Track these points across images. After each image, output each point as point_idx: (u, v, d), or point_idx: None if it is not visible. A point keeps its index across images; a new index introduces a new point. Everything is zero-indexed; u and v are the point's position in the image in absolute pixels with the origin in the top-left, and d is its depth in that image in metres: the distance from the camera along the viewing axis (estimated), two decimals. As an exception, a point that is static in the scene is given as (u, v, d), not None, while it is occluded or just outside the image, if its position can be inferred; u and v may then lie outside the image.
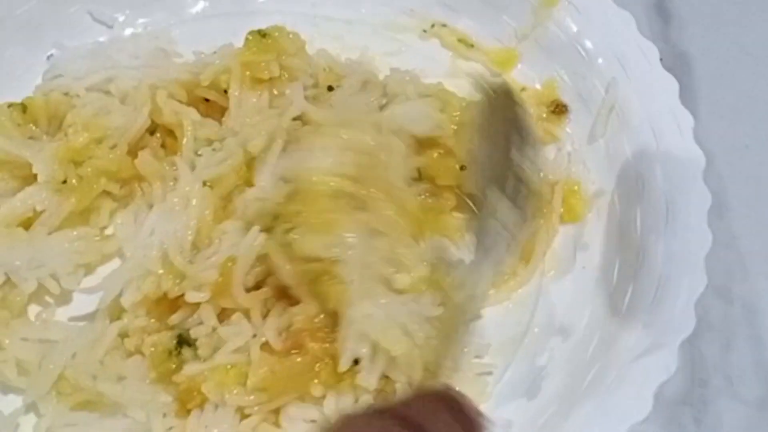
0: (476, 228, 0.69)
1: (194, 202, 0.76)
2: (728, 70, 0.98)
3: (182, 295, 0.72)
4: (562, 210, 0.80)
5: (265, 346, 0.71)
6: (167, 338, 0.72)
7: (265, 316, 0.72)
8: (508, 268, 0.75)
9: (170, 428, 0.70)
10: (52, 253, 0.75)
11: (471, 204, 0.73)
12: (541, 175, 0.78)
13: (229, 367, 0.70)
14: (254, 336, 0.71)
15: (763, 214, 0.88)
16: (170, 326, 0.73)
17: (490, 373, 0.73)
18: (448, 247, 0.75)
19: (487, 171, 0.69)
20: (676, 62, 0.97)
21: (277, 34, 0.83)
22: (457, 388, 0.57)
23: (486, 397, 0.72)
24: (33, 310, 0.76)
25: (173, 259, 0.73)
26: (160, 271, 0.73)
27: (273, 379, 0.70)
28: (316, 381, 0.70)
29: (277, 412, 0.71)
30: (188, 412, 0.70)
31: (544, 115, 0.84)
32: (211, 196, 0.76)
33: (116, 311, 0.74)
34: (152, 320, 0.73)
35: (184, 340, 0.72)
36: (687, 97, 0.83)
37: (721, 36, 1.00)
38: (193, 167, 0.78)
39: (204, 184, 0.77)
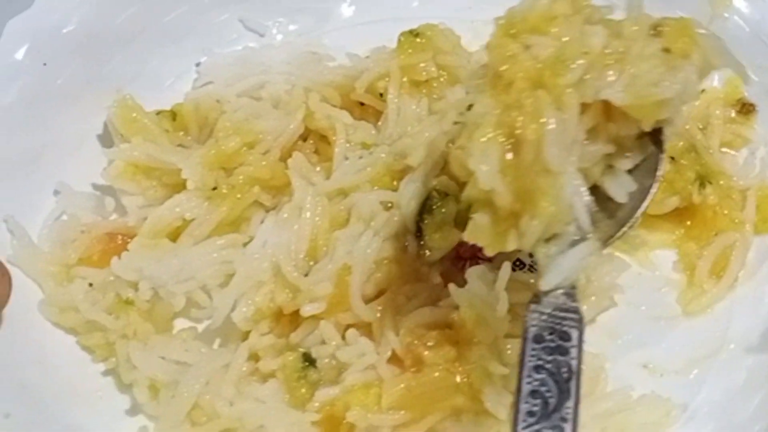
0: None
1: (308, 213, 0.71)
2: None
3: (299, 311, 0.68)
4: (756, 219, 0.72)
5: (392, 361, 0.66)
6: (293, 360, 0.67)
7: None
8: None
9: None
10: (199, 264, 0.71)
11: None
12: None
13: (364, 388, 0.65)
14: (378, 353, 0.66)
15: None
16: (292, 346, 0.68)
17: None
18: None
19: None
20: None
21: (429, 32, 0.78)
22: None
23: (672, 420, 0.65)
24: (180, 323, 0.73)
25: (285, 272, 0.68)
26: (272, 284, 0.69)
27: (411, 396, 0.64)
28: (459, 395, 0.64)
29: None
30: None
31: (733, 115, 0.76)
32: (327, 205, 0.71)
33: (244, 332, 0.69)
34: (279, 338, 0.69)
35: (309, 361, 0.67)
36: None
37: None
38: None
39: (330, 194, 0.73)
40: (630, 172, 0.59)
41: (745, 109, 0.77)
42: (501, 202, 0.54)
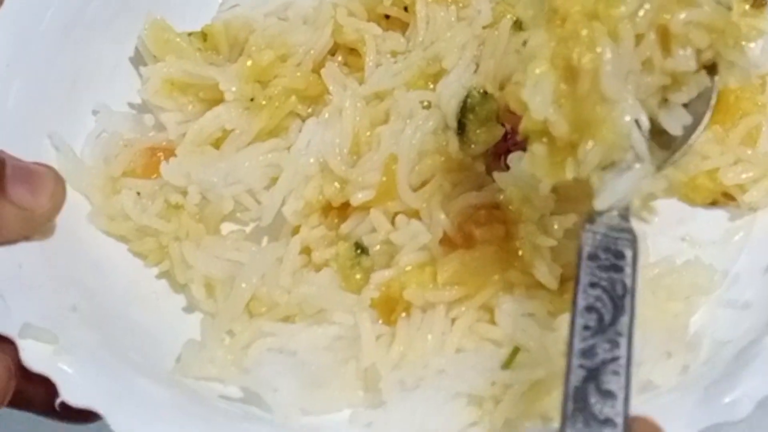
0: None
1: (348, 111, 0.73)
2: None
3: (348, 203, 0.69)
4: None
5: (443, 242, 0.68)
6: (345, 249, 0.69)
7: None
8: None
9: (379, 335, 0.66)
10: (245, 168, 0.73)
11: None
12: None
13: (418, 268, 0.67)
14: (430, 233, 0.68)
15: None
16: (343, 236, 0.70)
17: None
18: None
19: None
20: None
21: None
22: None
23: (716, 284, 0.67)
24: (226, 227, 0.74)
25: (332, 166, 0.70)
26: (319, 179, 0.71)
27: (465, 272, 0.66)
28: (511, 269, 0.66)
29: (489, 310, 0.66)
30: (392, 321, 0.66)
31: (747, 8, 0.79)
32: (365, 107, 0.73)
33: (295, 227, 0.71)
34: (329, 230, 0.70)
35: (361, 249, 0.69)
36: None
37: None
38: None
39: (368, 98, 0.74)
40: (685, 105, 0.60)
41: (758, 2, 0.78)
42: (557, 131, 0.56)
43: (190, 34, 0.79)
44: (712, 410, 0.54)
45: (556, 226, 0.68)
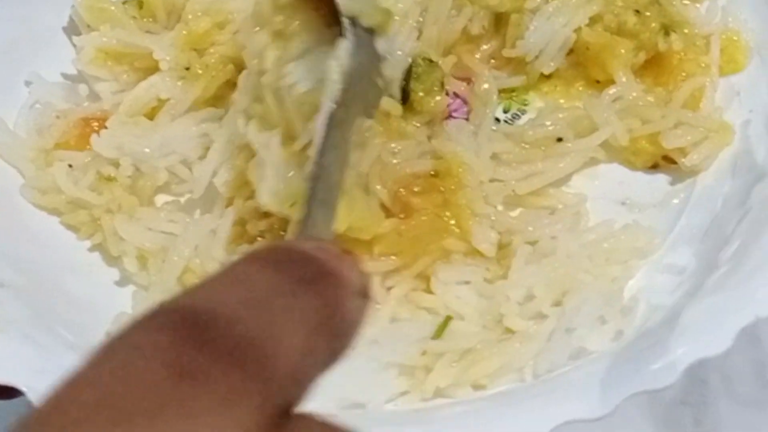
0: None
1: None
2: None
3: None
4: (720, 62, 0.74)
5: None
6: (279, 221, 0.67)
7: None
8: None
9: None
10: (179, 138, 0.71)
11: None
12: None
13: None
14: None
15: None
16: None
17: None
18: None
19: None
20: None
21: None
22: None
23: (655, 247, 0.66)
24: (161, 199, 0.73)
25: None
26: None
27: (401, 241, 0.65)
28: (448, 237, 0.65)
29: (426, 279, 0.65)
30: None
31: None
32: None
33: (228, 198, 0.69)
34: None
35: None
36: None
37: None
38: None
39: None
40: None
41: None
42: None
43: (125, 2, 0.77)
44: (639, 377, 0.53)
45: (495, 194, 0.67)
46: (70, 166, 0.71)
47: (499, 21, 0.75)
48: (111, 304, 0.67)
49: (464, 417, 0.57)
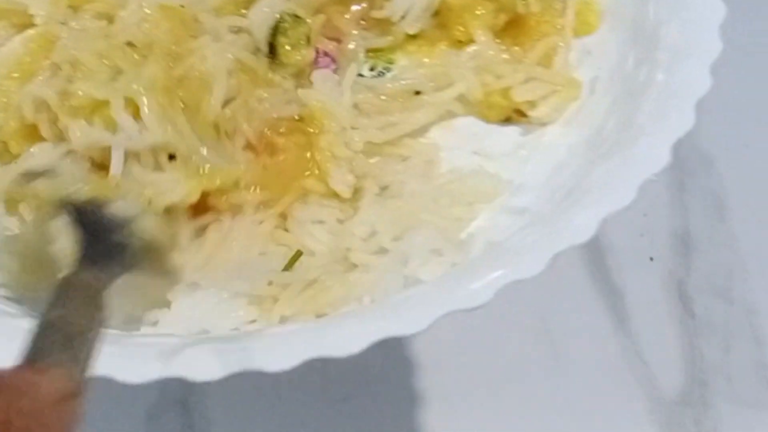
0: None
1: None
2: (728, 69, 0.94)
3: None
4: (575, 24, 0.78)
5: (247, 150, 0.70)
6: None
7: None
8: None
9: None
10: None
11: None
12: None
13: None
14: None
15: (763, 214, 0.89)
16: None
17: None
18: None
19: None
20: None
21: None
22: None
23: (500, 191, 0.70)
24: None
25: None
26: None
27: (266, 176, 0.68)
28: (308, 174, 0.68)
29: (284, 217, 0.69)
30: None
31: None
32: None
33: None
34: None
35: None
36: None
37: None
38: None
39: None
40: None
41: None
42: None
43: None
44: (456, 297, 0.57)
45: (356, 139, 0.71)
46: None
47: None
48: None
49: (293, 333, 0.60)
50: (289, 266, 0.66)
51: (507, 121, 0.75)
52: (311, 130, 0.70)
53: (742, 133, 0.93)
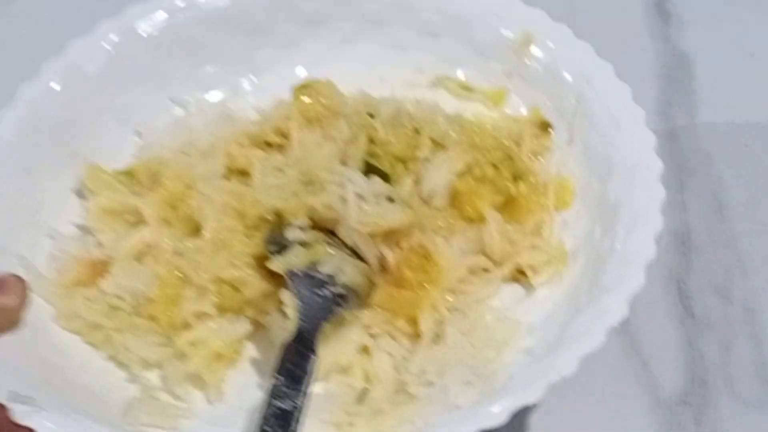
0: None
1: None
2: (728, 70, 1.00)
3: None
4: (555, 202, 0.95)
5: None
6: None
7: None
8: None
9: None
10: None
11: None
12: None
13: None
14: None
15: (763, 214, 0.90)
16: None
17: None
18: None
19: None
20: (676, 62, 1.04)
21: (314, 83, 1.03)
22: None
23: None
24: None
25: None
26: None
27: (392, 301, 0.80)
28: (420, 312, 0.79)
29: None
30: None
31: (536, 131, 1.00)
32: None
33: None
34: None
35: None
36: (687, 97, 0.95)
37: (721, 36, 1.02)
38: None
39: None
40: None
41: (543, 125, 0.99)
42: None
43: (119, 173, 1.02)
44: (479, 419, 0.67)
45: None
46: (87, 299, 0.93)
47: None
48: (120, 396, 0.89)
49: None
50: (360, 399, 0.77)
51: (513, 280, 0.92)
52: (433, 275, 0.85)
53: (742, 133, 0.93)
